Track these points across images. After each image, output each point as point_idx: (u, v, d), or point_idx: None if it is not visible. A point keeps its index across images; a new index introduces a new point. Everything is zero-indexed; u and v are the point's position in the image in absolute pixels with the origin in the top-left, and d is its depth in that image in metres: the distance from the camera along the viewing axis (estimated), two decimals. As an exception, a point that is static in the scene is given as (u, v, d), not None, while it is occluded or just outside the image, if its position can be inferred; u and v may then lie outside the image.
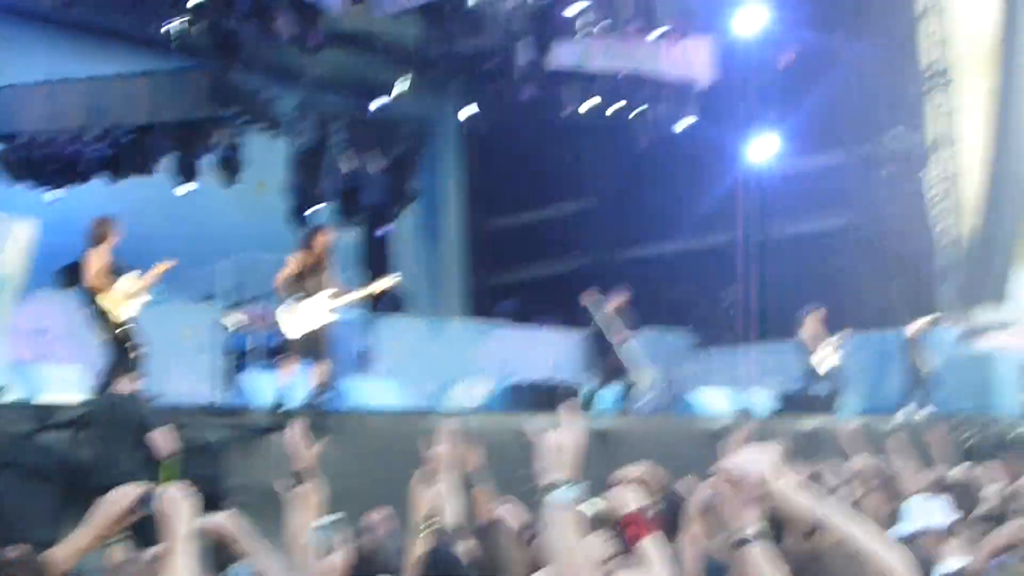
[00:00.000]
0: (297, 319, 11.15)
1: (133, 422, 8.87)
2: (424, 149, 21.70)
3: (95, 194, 18.81)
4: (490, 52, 18.92)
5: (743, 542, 2.96)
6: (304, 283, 11.25)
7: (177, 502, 3.56)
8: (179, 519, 3.51)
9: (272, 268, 18.98)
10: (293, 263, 11.26)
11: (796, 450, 11.20)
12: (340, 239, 22.85)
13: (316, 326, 11.21)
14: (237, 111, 18.81)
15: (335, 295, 11.38)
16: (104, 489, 3.78)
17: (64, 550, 3.51)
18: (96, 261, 10.32)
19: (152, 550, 3.88)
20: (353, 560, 5.04)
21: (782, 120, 21.07)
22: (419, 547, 4.69)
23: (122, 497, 3.63)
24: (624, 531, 3.92)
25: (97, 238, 10.46)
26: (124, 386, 9.20)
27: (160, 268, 10.84)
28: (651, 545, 3.84)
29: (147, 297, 10.76)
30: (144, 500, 3.64)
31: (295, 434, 5.09)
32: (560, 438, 3.01)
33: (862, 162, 21.82)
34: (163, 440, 8.86)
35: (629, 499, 3.93)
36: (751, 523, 2.97)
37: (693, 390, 16.81)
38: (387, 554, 5.14)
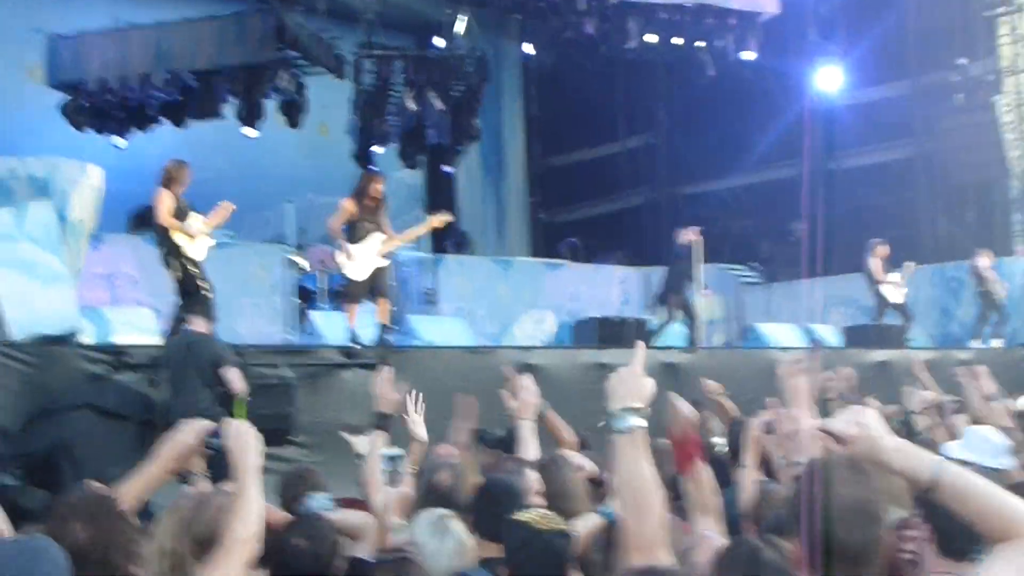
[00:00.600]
0: (355, 262, 11.34)
1: (208, 361, 8.99)
2: (486, 87, 21.58)
3: (162, 139, 19.00)
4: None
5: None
6: (357, 227, 11.44)
7: (243, 438, 3.62)
8: (246, 454, 3.58)
9: (335, 211, 19.20)
10: (345, 208, 11.41)
11: (866, 382, 11.18)
12: (402, 180, 23.11)
13: (373, 269, 11.39)
14: (299, 54, 18.83)
15: (388, 239, 11.56)
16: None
17: (133, 485, 3.59)
18: (165, 203, 10.46)
19: (226, 485, 3.96)
20: (428, 493, 5.11)
21: (848, 50, 20.74)
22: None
23: (188, 433, 3.71)
24: (677, 450, 3.97)
25: (168, 180, 10.60)
26: (199, 325, 9.33)
27: (223, 210, 10.96)
28: (701, 470, 3.89)
29: (212, 240, 10.90)
30: (211, 436, 3.72)
31: (383, 378, 5.20)
32: (627, 371, 3.05)
33: (930, 91, 21.47)
34: (236, 378, 9.00)
35: (686, 413, 3.97)
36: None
37: (760, 324, 16.73)
38: (458, 488, 5.21)
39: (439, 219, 12.42)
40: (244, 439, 3.64)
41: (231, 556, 3.34)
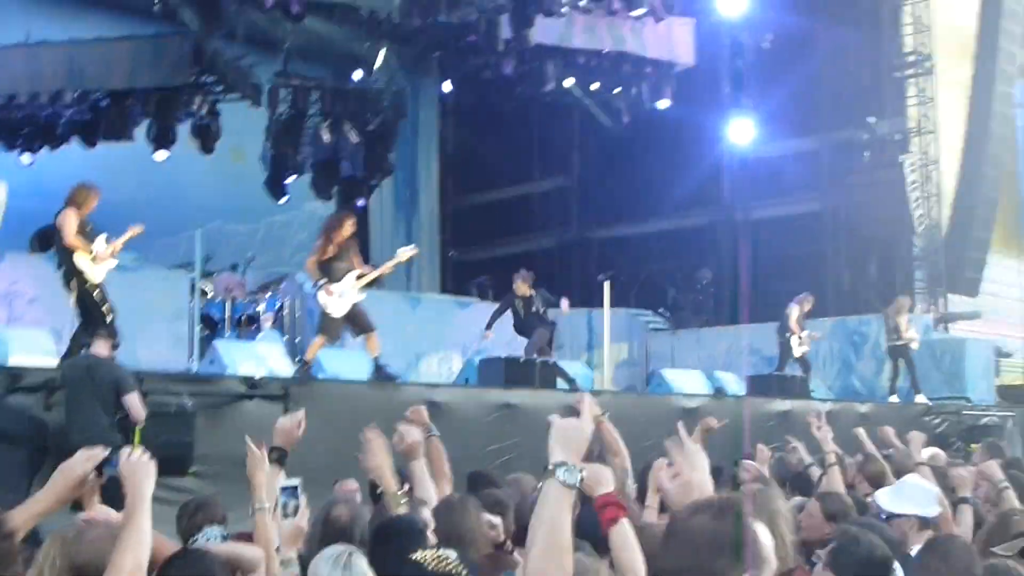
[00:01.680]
0: (335, 300, 11.56)
1: (109, 385, 8.84)
2: (402, 123, 21.60)
3: (70, 158, 18.68)
4: (471, 26, 18.86)
5: None
6: (333, 265, 11.65)
7: (137, 467, 3.56)
8: (140, 484, 3.52)
9: (244, 237, 19.05)
10: (320, 247, 11.57)
11: (767, 430, 11.28)
12: (314, 211, 22.97)
13: (351, 305, 11.64)
14: (216, 79, 18.68)
15: (362, 274, 11.82)
16: (75, 452, 3.77)
17: (24, 512, 3.50)
18: (71, 224, 10.30)
19: (119, 513, 3.88)
20: (326, 527, 5.05)
21: (762, 103, 21.08)
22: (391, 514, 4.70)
23: (82, 461, 3.63)
24: (601, 511, 3.97)
25: (75, 201, 10.45)
26: (101, 348, 9.16)
27: (129, 233, 10.85)
28: (625, 528, 3.90)
29: (115, 261, 10.75)
30: (104, 465, 3.65)
31: (294, 417, 5.15)
32: (574, 424, 3.06)
33: (840, 147, 21.89)
34: (136, 405, 8.86)
35: (606, 479, 3.97)
36: None
37: (666, 369, 16.86)
38: (360, 523, 5.16)
39: (407, 253, 12.75)
40: (139, 468, 3.57)
41: None
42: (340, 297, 11.61)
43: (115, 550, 3.38)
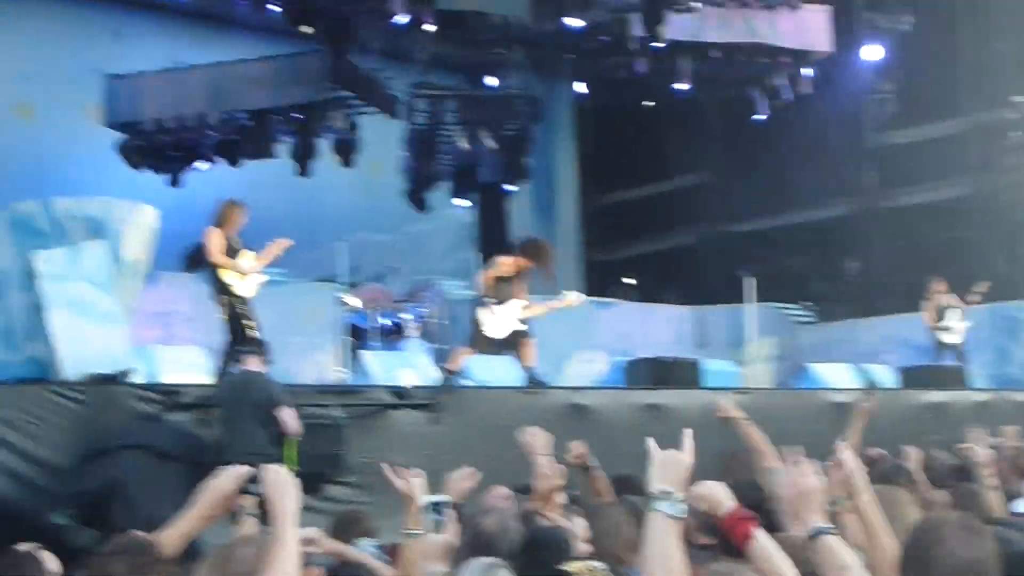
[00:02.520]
0: (496, 320, 11.59)
1: (263, 400, 9.00)
2: (538, 126, 21.65)
3: (217, 178, 19.17)
4: (603, 26, 18.82)
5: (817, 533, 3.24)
6: (502, 287, 11.65)
7: (281, 484, 3.59)
8: (284, 501, 3.55)
9: (387, 248, 19.21)
10: (502, 266, 11.59)
11: (922, 423, 11.01)
12: (453, 218, 23.15)
13: (511, 331, 11.68)
14: (353, 93, 19.00)
15: (527, 306, 11.83)
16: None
17: (174, 530, 3.56)
18: (217, 241, 10.55)
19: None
20: (473, 540, 5.05)
21: (903, 87, 20.60)
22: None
23: (227, 479, 3.67)
24: (732, 531, 3.87)
25: (220, 219, 10.70)
26: (253, 364, 9.34)
27: (276, 247, 11.04)
28: (762, 538, 3.79)
29: (264, 277, 10.97)
30: (250, 481, 3.68)
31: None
32: (675, 455, 3.04)
33: (986, 128, 21.28)
34: (291, 419, 9.00)
35: (723, 497, 3.87)
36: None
37: (813, 364, 16.55)
38: (508, 535, 5.16)
39: (576, 299, 12.67)
40: (283, 485, 3.60)
41: None
42: (500, 321, 11.61)
43: (264, 568, 3.42)
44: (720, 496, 3.89)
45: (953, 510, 4.43)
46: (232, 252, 10.67)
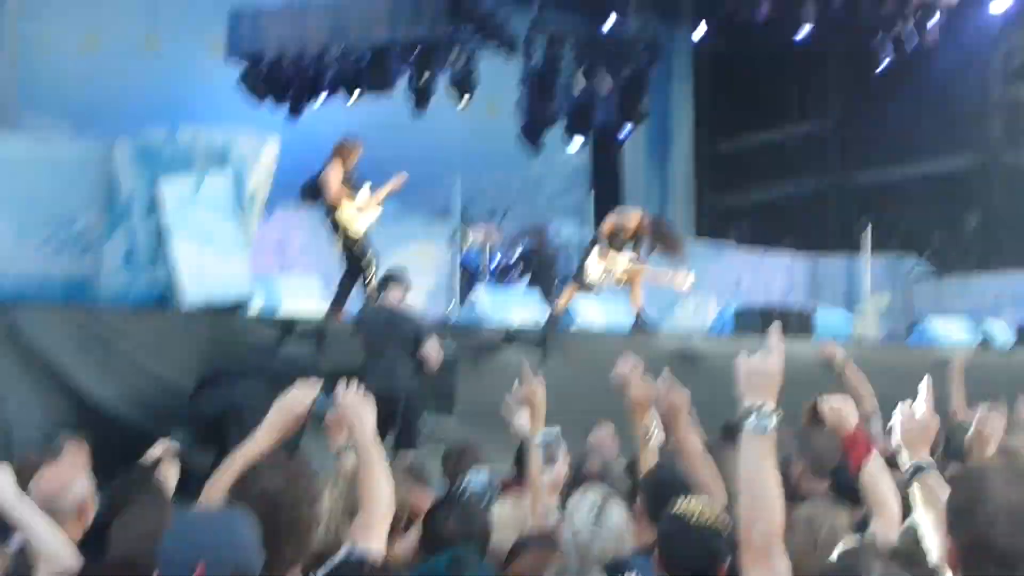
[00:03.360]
0: (599, 268, 11.67)
1: (409, 334, 9.15)
2: (655, 69, 21.43)
3: (334, 112, 19.36)
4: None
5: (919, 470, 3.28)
6: (616, 239, 11.71)
7: (356, 403, 3.66)
8: (362, 422, 3.61)
9: (500, 188, 19.24)
10: (629, 218, 11.65)
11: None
12: (568, 160, 23.12)
13: (606, 284, 11.77)
14: (472, 31, 18.98)
15: (633, 264, 11.94)
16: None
17: (250, 451, 3.63)
18: (335, 176, 10.70)
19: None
20: (577, 480, 5.13)
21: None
22: (646, 455, 4.71)
23: (299, 398, 3.74)
24: (851, 450, 3.88)
25: (340, 155, 10.84)
26: (395, 297, 9.45)
27: (392, 184, 11.17)
28: (878, 462, 3.80)
29: (379, 211, 11.10)
30: (322, 400, 3.75)
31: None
32: (761, 362, 2.95)
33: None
34: (434, 354, 9.15)
35: (851, 412, 3.87)
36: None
37: (928, 318, 16.29)
38: (611, 475, 5.22)
39: (688, 280, 12.80)
40: (358, 404, 3.66)
41: (373, 521, 3.42)
42: (606, 273, 11.65)
43: (363, 492, 3.51)
44: (848, 413, 3.90)
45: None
46: (349, 187, 10.82)
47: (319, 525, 3.43)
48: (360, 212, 10.84)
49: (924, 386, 3.41)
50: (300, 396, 3.72)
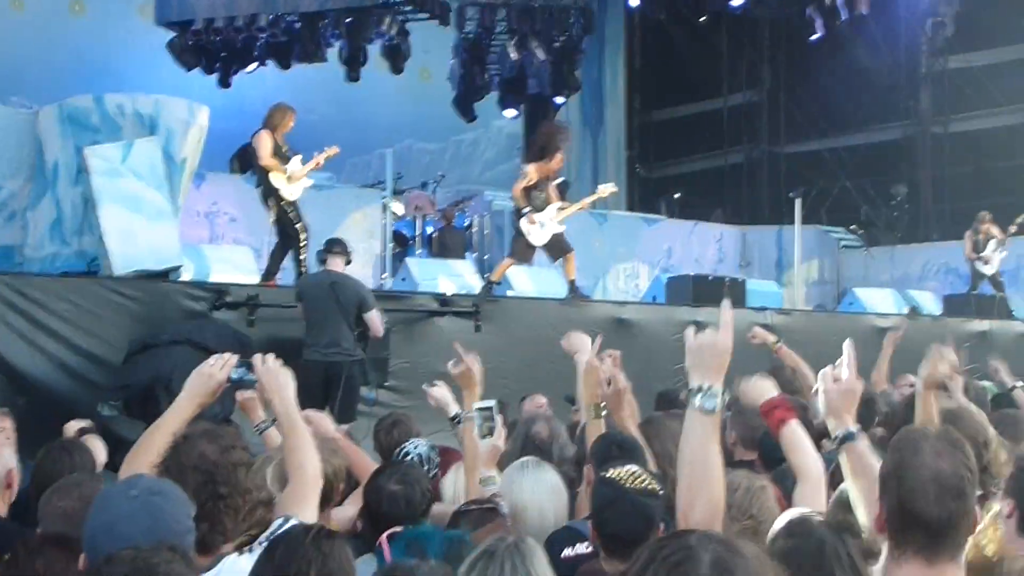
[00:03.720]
0: (538, 229, 11.67)
1: (353, 301, 9.14)
2: (589, 38, 21.44)
3: (265, 81, 19.18)
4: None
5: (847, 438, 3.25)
6: (535, 195, 11.76)
7: (276, 374, 3.63)
8: (283, 390, 3.59)
9: (434, 156, 19.19)
10: (532, 173, 11.64)
11: (965, 352, 10.97)
12: (501, 128, 23.09)
13: (551, 235, 11.75)
14: (404, 0, 18.89)
15: (563, 207, 11.93)
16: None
17: (170, 422, 3.59)
18: (268, 143, 10.59)
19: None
20: (525, 445, 5.13)
21: (962, 9, 20.21)
22: (593, 430, 4.71)
23: (215, 369, 3.70)
24: (768, 416, 3.92)
25: (271, 122, 10.73)
26: (337, 265, 9.37)
27: (325, 154, 11.08)
28: (796, 427, 3.84)
29: (310, 181, 11.02)
30: (238, 368, 3.71)
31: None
32: (711, 340, 2.94)
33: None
34: (378, 321, 9.17)
35: (766, 389, 3.91)
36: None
37: (858, 288, 16.49)
38: (559, 440, 5.24)
39: (607, 189, 12.75)
40: (278, 373, 3.64)
41: (303, 491, 3.40)
42: (542, 227, 11.68)
43: (289, 463, 3.49)
44: (765, 386, 3.94)
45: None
46: (281, 155, 10.72)
47: (257, 495, 3.39)
48: (291, 181, 10.75)
49: (847, 350, 3.39)
50: (216, 366, 3.68)
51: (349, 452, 4.98)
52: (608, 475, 3.64)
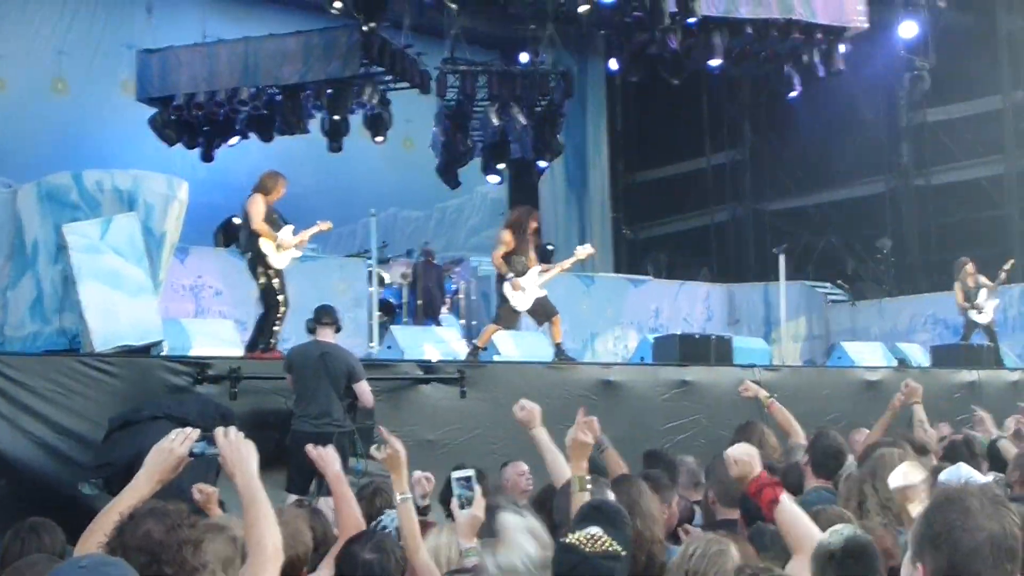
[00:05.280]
0: (520, 294, 11.69)
1: (343, 372, 9.11)
2: (570, 102, 21.53)
3: (248, 154, 19.21)
4: (635, 1, 18.67)
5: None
6: (515, 260, 11.77)
7: (238, 444, 3.56)
8: (246, 463, 3.52)
9: (418, 223, 19.21)
10: (507, 241, 11.65)
11: (955, 402, 10.91)
12: (485, 194, 23.15)
13: (534, 299, 11.76)
14: (385, 68, 18.96)
15: (544, 270, 11.97)
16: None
17: (127, 499, 3.50)
18: (261, 207, 10.55)
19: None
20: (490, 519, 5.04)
21: (939, 63, 20.37)
22: (578, 500, 4.63)
23: (175, 444, 3.63)
24: (758, 496, 3.84)
25: (264, 187, 10.69)
26: (327, 335, 9.34)
27: (317, 228, 11.07)
28: (788, 503, 3.76)
29: (299, 252, 10.98)
30: (199, 442, 3.64)
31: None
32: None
33: (1018, 108, 21.05)
34: (367, 393, 9.16)
35: (755, 462, 3.84)
36: None
37: (846, 342, 16.46)
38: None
39: (585, 251, 12.68)
40: (241, 447, 3.57)
41: (262, 567, 3.32)
42: (524, 292, 11.68)
43: (249, 537, 3.41)
44: (753, 461, 3.88)
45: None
46: (272, 222, 10.67)
47: (204, 572, 3.31)
48: (280, 250, 10.69)
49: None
50: (177, 441, 3.62)
51: (342, 503, 4.94)
52: (567, 540, 3.53)
